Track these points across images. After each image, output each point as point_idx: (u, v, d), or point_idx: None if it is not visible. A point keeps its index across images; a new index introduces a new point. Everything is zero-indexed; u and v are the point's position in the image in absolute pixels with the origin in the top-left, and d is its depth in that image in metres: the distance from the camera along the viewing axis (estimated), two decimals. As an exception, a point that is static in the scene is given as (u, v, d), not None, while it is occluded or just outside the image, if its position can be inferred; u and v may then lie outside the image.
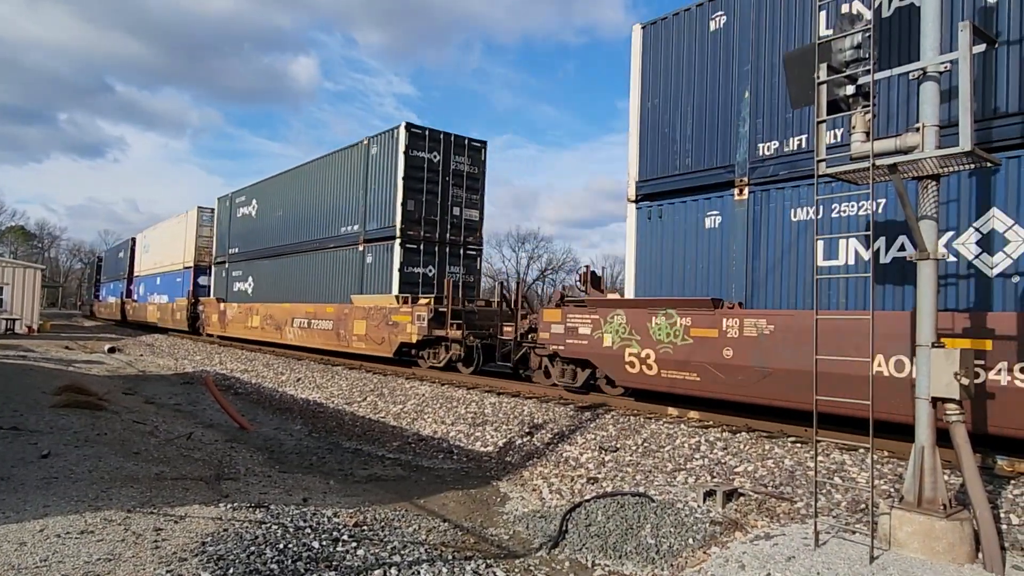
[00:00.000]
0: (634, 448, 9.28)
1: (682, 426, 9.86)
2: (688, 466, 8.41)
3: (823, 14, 8.84)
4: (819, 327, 6.02)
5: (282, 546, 5.17)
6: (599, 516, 6.81)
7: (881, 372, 7.73)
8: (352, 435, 11.91)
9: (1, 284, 33.69)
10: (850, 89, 5.94)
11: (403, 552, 5.54)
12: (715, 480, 7.88)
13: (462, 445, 10.74)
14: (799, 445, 8.48)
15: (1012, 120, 7.36)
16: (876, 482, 6.90)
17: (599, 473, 8.60)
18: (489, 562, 5.71)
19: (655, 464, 8.62)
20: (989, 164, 5.56)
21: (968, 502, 5.41)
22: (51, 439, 8.50)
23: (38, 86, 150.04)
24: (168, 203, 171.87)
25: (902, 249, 8.13)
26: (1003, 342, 6.94)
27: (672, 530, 6.34)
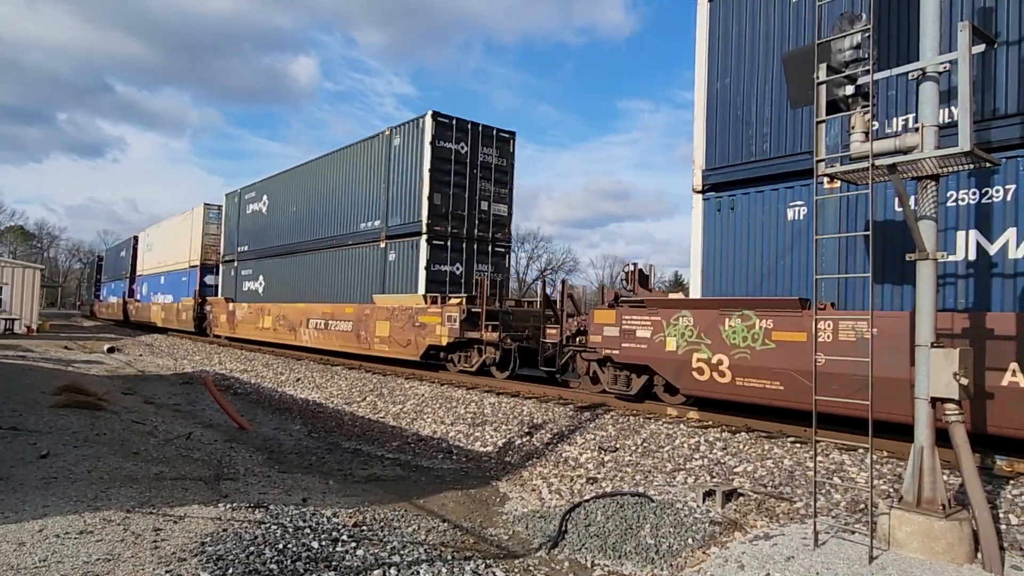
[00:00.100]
0: (633, 448, 9.28)
1: (681, 426, 9.86)
2: (687, 466, 8.41)
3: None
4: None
5: (281, 546, 5.17)
6: (598, 516, 6.81)
7: (1016, 383, 6.83)
8: (351, 435, 11.91)
9: (0, 284, 33.68)
10: (849, 89, 5.95)
11: (402, 552, 5.54)
12: (714, 480, 7.88)
13: (461, 445, 10.75)
14: (798, 445, 8.49)
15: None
16: (875, 482, 6.91)
17: (598, 473, 8.60)
18: (488, 562, 5.71)
19: (654, 464, 8.62)
20: (988, 164, 5.57)
21: (967, 502, 5.42)
22: (50, 439, 8.50)
23: (38, 86, 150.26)
24: (168, 203, 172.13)
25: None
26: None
27: (671, 530, 6.34)
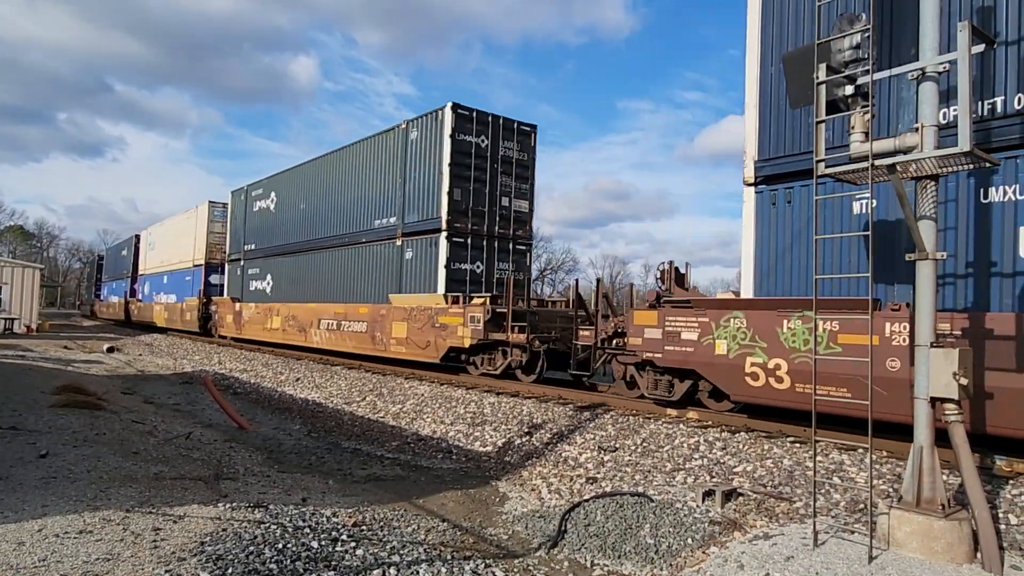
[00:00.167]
0: (633, 448, 9.28)
1: (681, 426, 9.86)
2: (687, 466, 8.41)
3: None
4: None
5: (281, 546, 5.17)
6: (598, 516, 6.81)
7: None
8: (351, 435, 11.91)
9: (0, 283, 33.67)
10: (849, 89, 5.96)
11: (402, 552, 5.54)
12: (714, 480, 7.88)
13: (461, 445, 10.75)
14: (798, 445, 8.49)
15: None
16: (875, 482, 6.91)
17: (598, 473, 8.60)
18: (488, 562, 5.71)
19: (654, 464, 8.62)
20: (988, 164, 5.57)
21: (967, 502, 5.42)
22: (50, 439, 8.49)
23: (38, 86, 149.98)
24: (168, 203, 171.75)
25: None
26: None
27: (671, 530, 6.34)
